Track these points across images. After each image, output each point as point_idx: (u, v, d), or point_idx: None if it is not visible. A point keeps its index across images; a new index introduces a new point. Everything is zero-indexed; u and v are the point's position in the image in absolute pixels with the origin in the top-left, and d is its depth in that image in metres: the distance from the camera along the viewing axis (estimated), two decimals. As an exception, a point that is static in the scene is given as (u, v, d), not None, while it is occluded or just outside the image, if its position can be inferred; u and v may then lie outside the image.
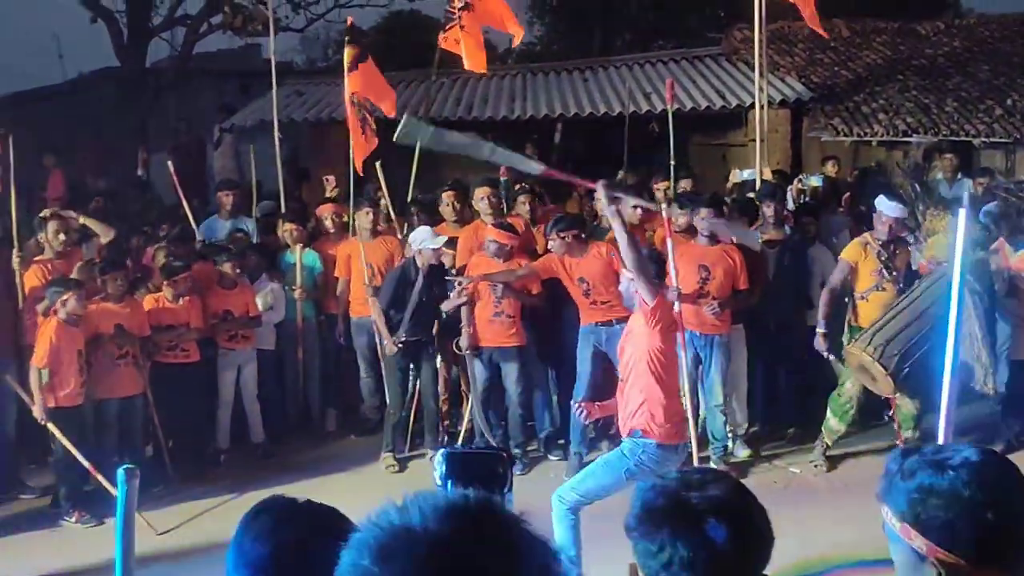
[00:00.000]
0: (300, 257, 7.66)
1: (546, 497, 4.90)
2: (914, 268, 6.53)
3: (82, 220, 7.35)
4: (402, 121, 4.40)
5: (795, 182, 9.26)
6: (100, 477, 5.96)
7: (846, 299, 6.70)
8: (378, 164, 7.80)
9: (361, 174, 7.99)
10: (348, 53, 7.93)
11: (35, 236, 7.12)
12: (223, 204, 8.49)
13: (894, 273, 6.48)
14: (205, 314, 7.10)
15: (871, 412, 7.09)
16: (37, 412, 6.11)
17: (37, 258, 6.91)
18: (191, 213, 8.43)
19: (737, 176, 9.55)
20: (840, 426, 6.59)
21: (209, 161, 15.11)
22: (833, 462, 6.87)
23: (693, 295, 6.57)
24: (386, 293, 7.00)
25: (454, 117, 12.53)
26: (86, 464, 6.03)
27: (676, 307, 6.33)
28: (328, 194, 8.76)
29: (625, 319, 6.68)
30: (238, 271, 7.28)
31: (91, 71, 19.99)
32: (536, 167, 4.58)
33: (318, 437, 7.78)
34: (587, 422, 6.43)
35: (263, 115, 12.52)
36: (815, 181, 9.20)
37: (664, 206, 6.43)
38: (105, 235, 7.29)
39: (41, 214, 7.24)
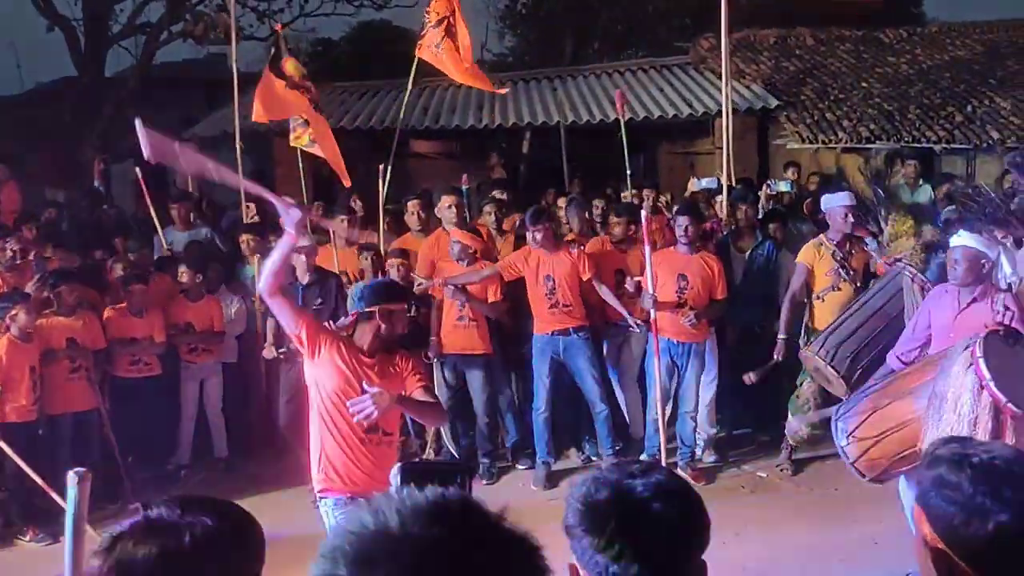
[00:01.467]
0: (259, 268, 7.50)
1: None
2: (872, 270, 6.52)
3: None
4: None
5: (764, 188, 9.27)
6: (53, 494, 5.78)
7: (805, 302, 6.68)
8: (382, 168, 7.78)
9: (348, 184, 7.90)
10: (292, 67, 7.94)
11: None
12: (177, 216, 8.39)
13: (850, 272, 6.46)
14: (167, 326, 6.96)
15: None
16: None
17: None
18: (158, 223, 8.28)
19: (695, 184, 9.52)
20: (801, 427, 6.54)
21: (171, 172, 14.90)
22: (799, 465, 6.87)
23: (672, 304, 6.54)
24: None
25: (421, 126, 12.46)
26: (38, 480, 5.83)
27: (652, 314, 6.34)
28: (247, 221, 8.42)
29: (583, 328, 6.71)
30: (199, 282, 7.15)
31: (50, 81, 19.72)
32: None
33: (282, 451, 7.63)
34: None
35: (226, 125, 12.37)
36: (784, 187, 9.21)
37: (644, 212, 6.43)
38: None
39: None
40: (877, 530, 5.50)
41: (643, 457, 6.82)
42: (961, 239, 4.88)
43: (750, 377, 6.73)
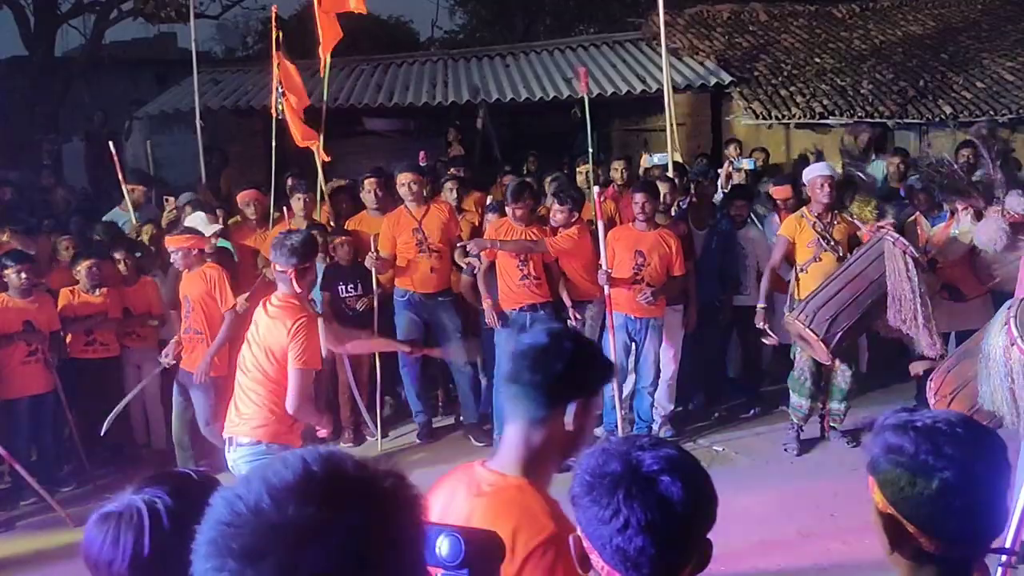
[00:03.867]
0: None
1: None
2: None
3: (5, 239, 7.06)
4: None
5: (726, 164, 9.29)
6: (18, 466, 5.86)
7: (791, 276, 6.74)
8: (316, 148, 7.69)
9: (327, 158, 7.87)
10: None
11: None
12: (132, 196, 8.20)
13: (832, 243, 6.50)
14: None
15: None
16: None
17: None
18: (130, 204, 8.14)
19: (648, 161, 9.55)
20: (802, 400, 6.58)
21: (122, 152, 14.68)
22: (763, 440, 6.94)
23: (628, 280, 6.57)
24: None
25: (375, 104, 12.35)
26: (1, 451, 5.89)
27: (606, 290, 6.37)
28: (167, 213, 8.26)
29: (549, 304, 6.75)
30: (129, 264, 7.03)
31: (-2, 60, 19.21)
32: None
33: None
34: None
35: (177, 104, 12.21)
36: (747, 164, 9.22)
37: (596, 189, 6.46)
38: None
39: None
40: (834, 503, 5.60)
41: (598, 432, 6.88)
42: None
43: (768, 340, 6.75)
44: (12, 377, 6.26)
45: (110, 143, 8.49)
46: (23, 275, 6.28)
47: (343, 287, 7.18)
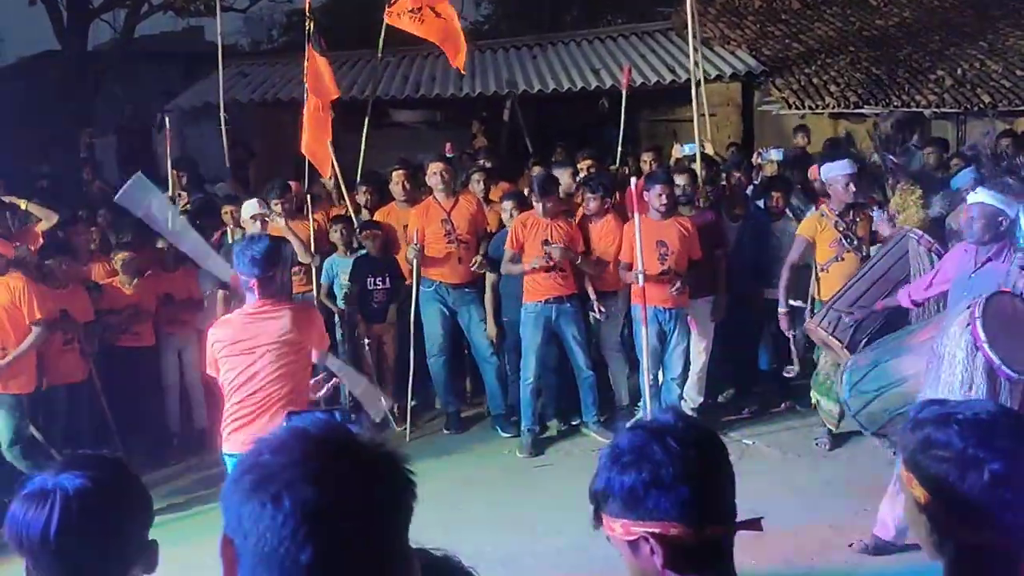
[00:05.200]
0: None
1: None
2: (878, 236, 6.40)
3: (24, 206, 7.18)
4: (129, 182, 4.34)
5: (754, 156, 9.15)
6: (54, 452, 5.92)
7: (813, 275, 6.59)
8: (329, 143, 7.61)
9: (327, 176, 7.83)
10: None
11: None
12: (174, 183, 8.29)
13: (855, 242, 6.34)
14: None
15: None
16: None
17: None
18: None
19: (679, 151, 9.43)
20: (831, 405, 6.35)
21: (154, 145, 14.77)
22: (795, 434, 6.83)
23: (656, 272, 6.49)
24: None
25: (401, 96, 12.31)
26: (38, 436, 6.07)
27: (640, 281, 6.30)
28: (181, 207, 8.35)
29: (575, 296, 6.68)
30: (171, 252, 7.04)
31: (32, 55, 19.45)
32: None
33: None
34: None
35: (206, 96, 12.24)
36: (775, 155, 9.06)
37: (634, 180, 6.38)
38: (48, 220, 7.15)
39: None
40: (867, 498, 5.44)
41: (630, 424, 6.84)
42: (979, 196, 4.77)
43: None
44: (49, 365, 6.40)
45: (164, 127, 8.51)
46: (61, 266, 6.45)
47: (371, 279, 7.17)
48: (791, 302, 6.52)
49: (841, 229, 6.36)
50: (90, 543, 1.61)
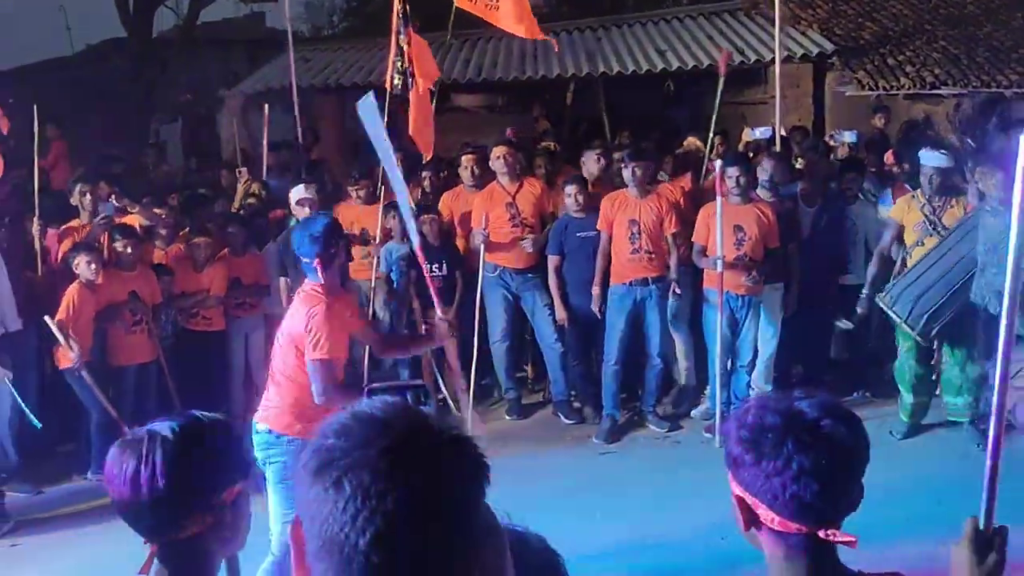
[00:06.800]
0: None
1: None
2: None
3: (135, 212, 7.26)
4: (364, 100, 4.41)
5: (826, 139, 8.88)
6: (126, 429, 5.84)
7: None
8: (427, 145, 7.54)
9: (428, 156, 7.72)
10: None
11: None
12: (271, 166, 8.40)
13: (940, 228, 6.15)
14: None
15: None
16: (73, 357, 6.10)
17: (67, 225, 7.05)
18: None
19: (749, 135, 9.20)
20: (908, 396, 6.27)
21: (218, 130, 14.92)
22: (868, 425, 6.49)
23: (731, 258, 6.34)
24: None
25: (463, 79, 12.21)
26: (112, 412, 6.16)
27: (719, 267, 6.16)
28: (241, 186, 8.38)
29: (661, 279, 6.54)
30: (240, 236, 7.20)
31: (98, 42, 19.75)
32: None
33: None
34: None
35: (269, 82, 12.29)
36: (848, 137, 8.76)
37: (718, 163, 6.21)
38: (149, 220, 7.24)
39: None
40: (941, 490, 5.27)
41: (700, 411, 6.88)
42: None
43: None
44: (119, 346, 6.58)
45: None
46: (129, 249, 6.58)
47: (429, 265, 7.07)
48: (838, 323, 6.51)
49: (927, 213, 6.21)
50: (152, 490, 1.71)
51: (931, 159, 6.23)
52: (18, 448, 6.41)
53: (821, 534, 1.58)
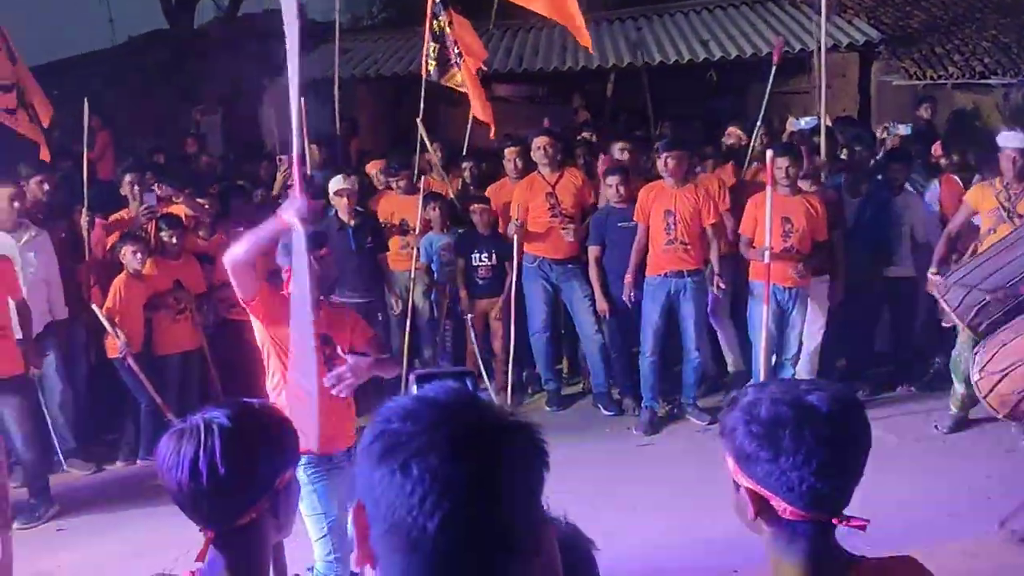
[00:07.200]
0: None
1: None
2: None
3: (179, 202, 7.27)
4: None
5: (880, 131, 8.71)
6: (171, 415, 6.10)
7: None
8: (419, 121, 7.51)
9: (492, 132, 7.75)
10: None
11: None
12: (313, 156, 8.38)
13: (1012, 214, 5.99)
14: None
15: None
16: (119, 344, 6.22)
17: (115, 216, 7.13)
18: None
19: (793, 124, 9.06)
20: (959, 386, 6.13)
21: (259, 121, 15.00)
22: (914, 419, 6.53)
23: (778, 249, 6.25)
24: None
25: (504, 69, 12.16)
26: (158, 400, 6.29)
27: (766, 258, 6.08)
28: (280, 174, 8.35)
29: (698, 271, 6.47)
30: None
31: (140, 34, 19.94)
32: None
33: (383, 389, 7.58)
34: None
35: (310, 73, 12.31)
36: (903, 129, 8.57)
37: (769, 153, 6.08)
38: (193, 211, 7.23)
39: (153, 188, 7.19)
40: (987, 485, 5.27)
41: None
42: None
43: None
44: (163, 334, 6.66)
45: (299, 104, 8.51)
46: (175, 239, 6.68)
47: (476, 255, 7.09)
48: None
49: (1002, 200, 6.04)
50: (212, 478, 1.72)
51: (1012, 140, 6.04)
52: (74, 432, 6.52)
53: (835, 521, 1.58)
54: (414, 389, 1.46)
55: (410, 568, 1.05)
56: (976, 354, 4.61)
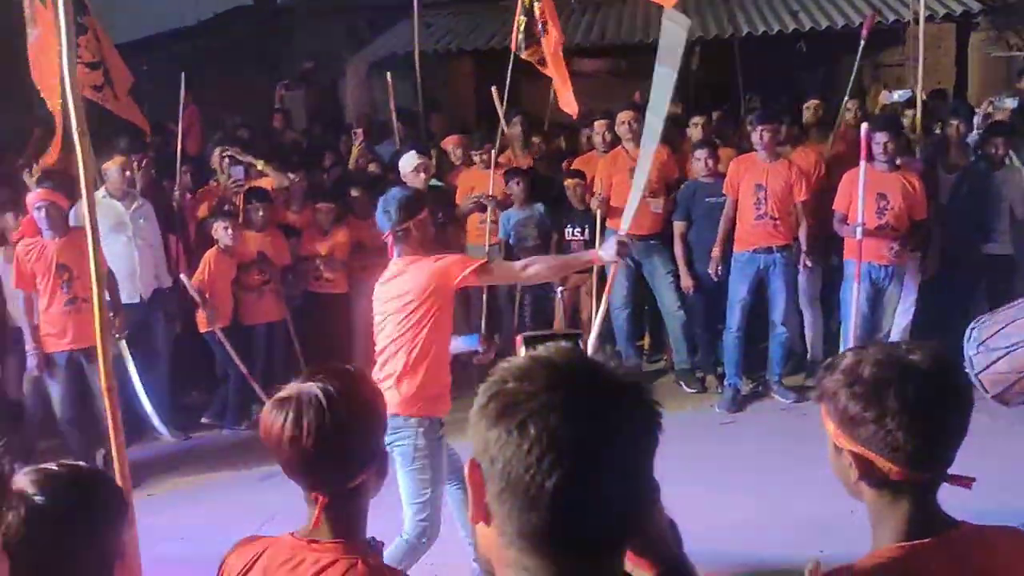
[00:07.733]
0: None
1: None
2: None
3: (261, 167, 7.36)
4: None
5: (985, 104, 8.34)
6: (256, 386, 6.37)
7: None
8: (494, 89, 7.46)
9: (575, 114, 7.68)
10: None
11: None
12: (356, 136, 8.53)
13: None
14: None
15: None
16: (207, 313, 6.42)
17: (204, 188, 7.36)
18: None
19: (887, 98, 8.75)
20: None
21: (342, 97, 15.12)
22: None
23: (873, 226, 6.07)
24: None
25: (587, 43, 12.01)
26: (243, 370, 6.45)
27: (859, 235, 5.90)
28: (356, 147, 8.40)
29: (787, 247, 6.31)
30: (364, 200, 7.17)
31: (224, 10, 20.24)
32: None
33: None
34: None
35: (392, 47, 12.35)
36: (1010, 103, 8.19)
37: (864, 127, 5.88)
38: (280, 182, 7.30)
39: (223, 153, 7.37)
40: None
41: None
42: None
43: None
44: (249, 306, 6.82)
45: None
46: (262, 212, 6.82)
47: (570, 228, 7.09)
48: None
49: None
50: (328, 443, 1.77)
51: None
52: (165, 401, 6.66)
53: (941, 478, 1.59)
54: (523, 351, 1.46)
55: (527, 526, 1.07)
56: (973, 329, 4.37)
